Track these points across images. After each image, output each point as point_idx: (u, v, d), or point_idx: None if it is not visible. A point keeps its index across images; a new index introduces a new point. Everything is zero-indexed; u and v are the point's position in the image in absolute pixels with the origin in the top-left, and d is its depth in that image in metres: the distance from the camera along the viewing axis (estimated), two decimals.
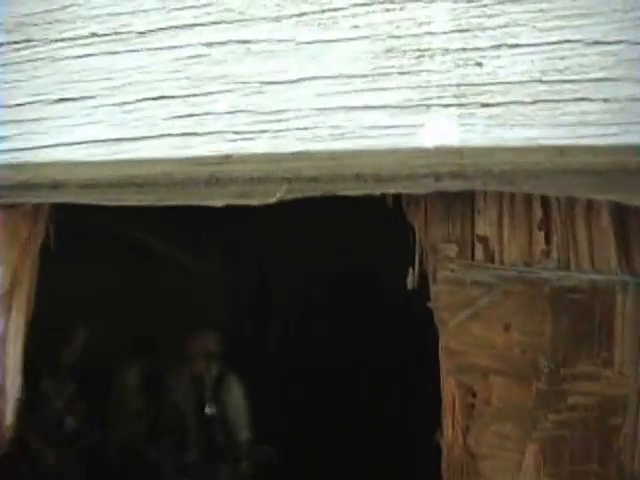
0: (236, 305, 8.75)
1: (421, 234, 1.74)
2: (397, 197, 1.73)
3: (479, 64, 1.24)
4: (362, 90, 1.30)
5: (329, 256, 7.67)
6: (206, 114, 1.40)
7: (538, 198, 1.69)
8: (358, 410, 8.06)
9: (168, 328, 7.98)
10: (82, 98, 1.46)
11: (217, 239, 8.52)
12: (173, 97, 1.42)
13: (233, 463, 5.80)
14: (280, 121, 1.36)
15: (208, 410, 5.89)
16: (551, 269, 1.69)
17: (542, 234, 1.70)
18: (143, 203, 1.66)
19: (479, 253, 1.72)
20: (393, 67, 1.28)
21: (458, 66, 1.25)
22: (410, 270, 1.76)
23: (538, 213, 1.71)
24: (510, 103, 1.23)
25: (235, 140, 1.38)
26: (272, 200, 1.47)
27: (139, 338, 7.32)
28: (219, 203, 1.57)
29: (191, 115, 1.41)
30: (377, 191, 1.51)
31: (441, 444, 1.80)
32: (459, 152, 1.27)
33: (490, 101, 1.23)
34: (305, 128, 1.35)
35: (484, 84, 1.24)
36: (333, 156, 1.36)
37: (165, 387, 6.53)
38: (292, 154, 1.37)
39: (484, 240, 1.72)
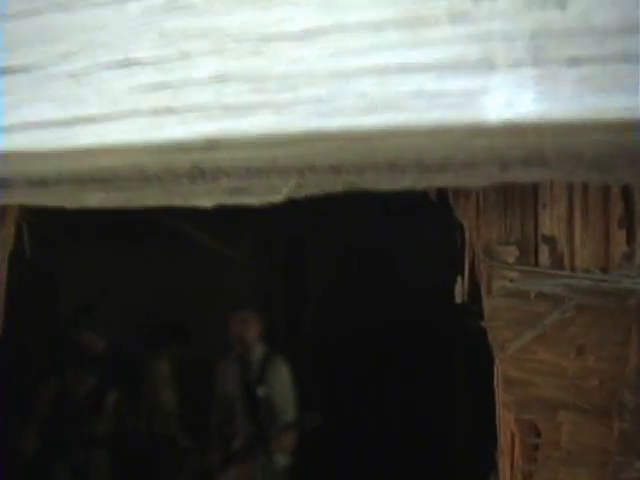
0: (269, 290, 8.55)
1: (472, 234, 1.36)
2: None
3: (562, 6, 0.85)
4: (398, 45, 0.88)
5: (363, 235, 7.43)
6: (185, 83, 0.99)
7: (617, 188, 1.31)
8: (393, 391, 7.84)
9: (202, 314, 7.86)
10: (25, 68, 1.07)
11: (249, 223, 8.35)
12: (142, 62, 1.01)
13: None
14: (285, 90, 0.94)
15: (260, 392, 5.69)
16: (635, 276, 1.31)
17: (623, 233, 1.32)
18: (107, 205, 1.28)
19: (544, 257, 1.34)
20: (441, 11, 0.86)
21: (532, 8, 0.85)
22: (459, 280, 1.38)
23: (618, 207, 1.32)
24: (609, 59, 0.83)
25: (224, 118, 0.97)
26: (278, 198, 1.07)
27: (170, 324, 7.10)
28: (207, 203, 1.19)
29: (165, 85, 0.99)
30: (419, 184, 1.06)
31: None
32: (536, 129, 0.87)
33: (580, 55, 0.83)
34: (320, 99, 0.93)
35: (571, 33, 0.84)
36: (359, 136, 0.94)
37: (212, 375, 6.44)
38: (302, 135, 0.94)
39: (551, 241, 1.34)
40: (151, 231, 8.40)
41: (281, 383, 5.64)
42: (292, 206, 1.23)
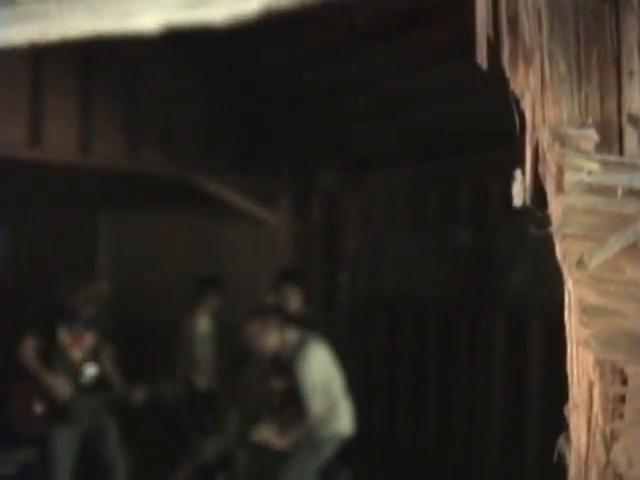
0: (306, 256, 8.27)
1: (535, 113, 0.96)
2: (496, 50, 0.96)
3: None
4: None
5: None
6: None
7: None
8: (430, 357, 7.48)
9: (237, 278, 7.68)
10: None
11: (286, 190, 8.08)
12: None
13: None
14: None
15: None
16: None
17: None
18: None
19: (632, 143, 0.93)
20: None
21: None
22: (518, 176, 0.98)
23: None
24: None
25: None
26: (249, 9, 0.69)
27: (209, 276, 6.84)
28: (150, 22, 0.82)
29: None
30: None
31: (567, 456, 1.03)
32: None
33: None
34: None
35: None
36: None
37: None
38: None
39: None
40: (191, 197, 8.18)
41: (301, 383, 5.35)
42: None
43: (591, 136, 0.92)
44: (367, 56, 6.19)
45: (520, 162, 0.96)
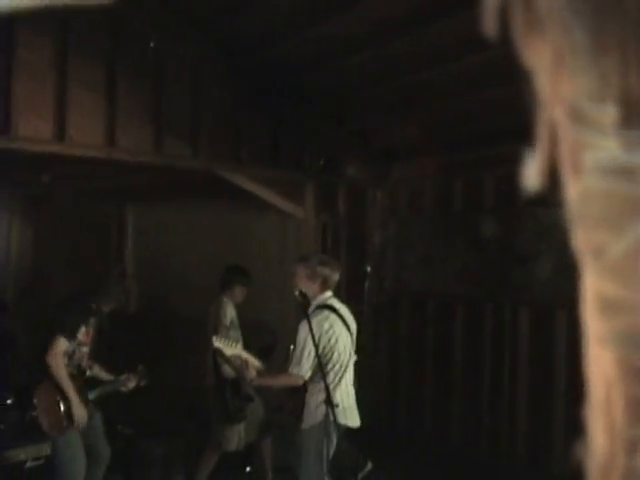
0: (332, 248, 8.20)
1: (549, 86, 0.86)
2: None
3: None
4: None
5: None
6: None
7: None
8: (455, 348, 7.41)
9: (263, 270, 7.65)
10: None
11: (312, 182, 8.01)
12: None
13: None
14: None
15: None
16: None
17: None
18: None
19: None
20: None
21: None
22: (529, 156, 0.88)
23: None
24: None
25: None
26: None
27: (236, 266, 6.74)
28: None
29: None
30: None
31: (585, 464, 0.94)
32: None
33: None
34: None
35: None
36: None
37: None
38: None
39: None
40: (217, 190, 8.15)
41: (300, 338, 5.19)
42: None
43: (611, 112, 0.82)
44: (393, 47, 6.08)
45: (533, 143, 0.86)
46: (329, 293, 5.37)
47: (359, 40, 6.14)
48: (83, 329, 5.71)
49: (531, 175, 0.86)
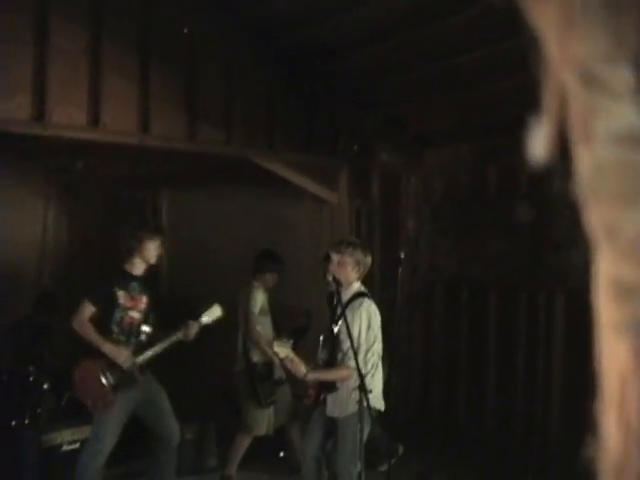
0: (366, 233, 8.12)
1: (557, 47, 0.77)
2: None
3: None
4: None
5: None
6: None
7: None
8: (490, 334, 7.33)
9: (297, 256, 7.62)
10: None
11: (346, 168, 7.93)
12: None
13: None
14: None
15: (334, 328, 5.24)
16: None
17: None
18: None
19: None
20: None
21: None
22: (535, 124, 0.79)
23: None
24: None
25: None
26: None
27: (267, 250, 6.76)
28: None
29: None
30: None
31: (596, 461, 0.85)
32: None
33: None
34: None
35: None
36: None
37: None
38: None
39: None
40: (251, 176, 8.10)
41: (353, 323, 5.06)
42: None
43: (625, 75, 0.73)
44: (427, 31, 5.96)
45: (541, 110, 0.77)
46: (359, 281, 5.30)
47: (393, 25, 6.03)
48: (121, 293, 5.68)
49: (538, 145, 0.77)
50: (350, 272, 5.17)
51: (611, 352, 0.76)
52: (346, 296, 5.11)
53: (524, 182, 7.11)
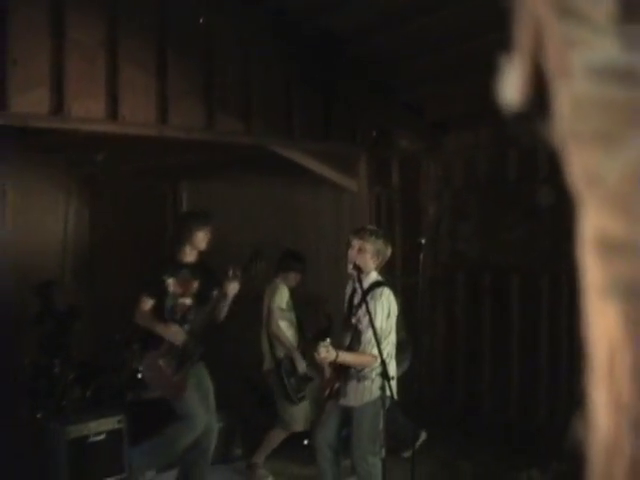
0: (386, 221, 8.03)
1: None
2: None
3: None
4: None
5: None
6: None
7: None
8: (512, 320, 7.26)
9: (317, 244, 7.56)
10: None
11: (365, 155, 7.83)
12: None
13: None
14: None
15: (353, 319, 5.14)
16: None
17: None
18: None
19: None
20: None
21: None
22: (507, 63, 0.69)
23: None
24: None
25: None
26: None
27: (291, 254, 6.71)
28: None
29: None
30: None
31: (584, 441, 0.75)
32: None
33: None
34: None
35: None
36: None
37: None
38: None
39: None
40: (271, 165, 8.04)
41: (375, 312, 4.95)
42: None
43: (606, 4, 0.63)
44: (445, 15, 5.84)
45: (514, 46, 0.67)
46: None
47: (410, 10, 5.92)
48: (170, 280, 5.74)
49: (511, 85, 0.67)
50: (368, 260, 5.06)
51: (599, 319, 0.66)
52: (365, 284, 5.00)
53: (544, 166, 6.97)
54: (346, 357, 4.95)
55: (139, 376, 6.78)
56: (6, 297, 9.18)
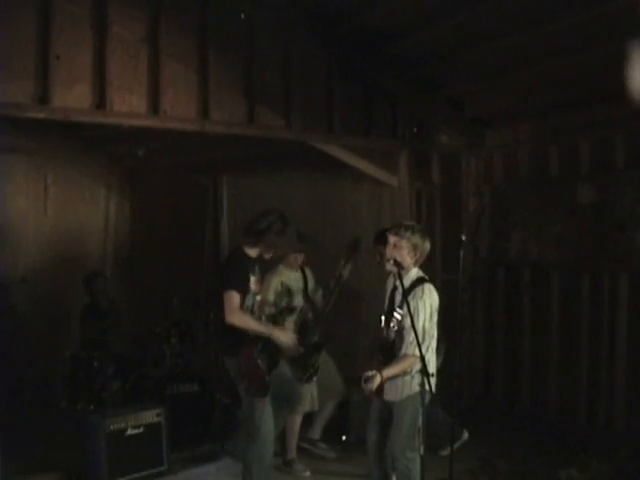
0: (427, 216, 7.98)
1: None
2: None
3: None
4: None
5: None
6: None
7: None
8: (552, 317, 7.30)
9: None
10: None
11: (406, 151, 7.79)
12: None
13: None
14: None
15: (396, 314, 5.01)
16: None
17: None
18: None
19: None
20: None
21: None
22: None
23: None
24: None
25: None
26: None
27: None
28: None
29: None
30: None
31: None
32: None
33: None
34: None
35: None
36: None
37: None
38: None
39: None
40: (311, 160, 8.02)
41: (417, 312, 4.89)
42: None
43: None
44: (486, 11, 5.75)
45: None
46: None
47: (451, 5, 5.85)
48: (253, 278, 5.52)
49: None
50: (405, 256, 4.97)
51: None
52: (406, 282, 4.94)
53: (586, 162, 6.88)
54: (390, 372, 4.87)
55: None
56: (50, 290, 9.30)
